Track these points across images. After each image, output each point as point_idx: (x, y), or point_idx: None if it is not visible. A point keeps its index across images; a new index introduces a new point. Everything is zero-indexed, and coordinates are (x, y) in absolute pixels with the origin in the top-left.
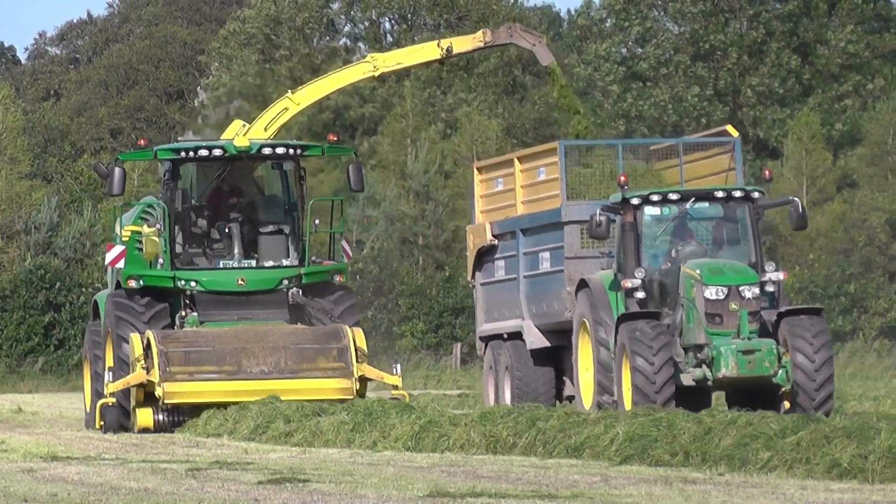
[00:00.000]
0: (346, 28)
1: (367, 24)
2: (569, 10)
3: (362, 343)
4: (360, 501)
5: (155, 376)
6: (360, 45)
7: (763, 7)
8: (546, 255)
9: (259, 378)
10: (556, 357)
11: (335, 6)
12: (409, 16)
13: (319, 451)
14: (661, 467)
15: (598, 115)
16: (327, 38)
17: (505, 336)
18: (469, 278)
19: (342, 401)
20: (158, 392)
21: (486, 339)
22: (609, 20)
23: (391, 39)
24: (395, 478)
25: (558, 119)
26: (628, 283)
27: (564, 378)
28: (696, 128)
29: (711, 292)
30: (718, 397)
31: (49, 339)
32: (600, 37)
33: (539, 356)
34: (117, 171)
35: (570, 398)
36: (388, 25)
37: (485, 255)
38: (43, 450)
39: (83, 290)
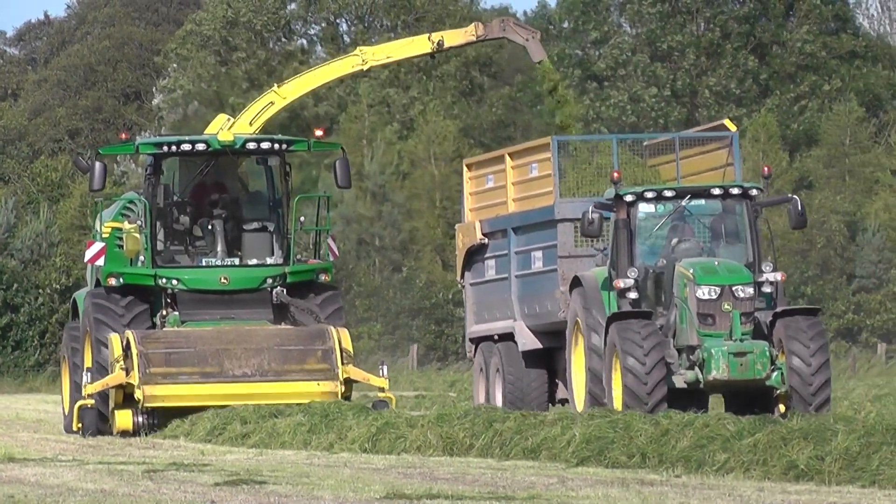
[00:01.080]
0: (303, 30)
1: (323, 24)
2: (525, 12)
3: (348, 344)
4: (317, 502)
5: (134, 378)
6: (318, 47)
7: (720, 8)
8: (538, 253)
9: (241, 380)
10: (549, 359)
11: (291, 7)
12: (366, 17)
13: (276, 453)
14: (618, 469)
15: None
16: (284, 40)
17: (496, 337)
18: (458, 278)
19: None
20: (138, 395)
21: (476, 341)
22: (567, 23)
23: (348, 40)
24: (352, 479)
25: (555, 116)
26: (620, 284)
27: (557, 381)
28: (654, 128)
29: (704, 292)
30: (717, 401)
31: (6, 340)
32: (558, 38)
33: (531, 358)
34: (98, 165)
35: (563, 401)
36: (344, 27)
37: (474, 255)
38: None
39: (40, 291)
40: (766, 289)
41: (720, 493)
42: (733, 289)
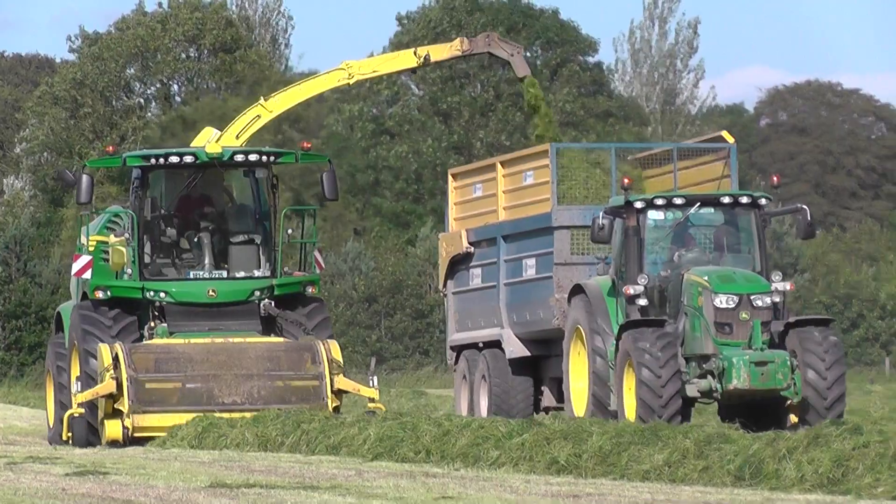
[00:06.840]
0: (141, 89)
1: (158, 85)
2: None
3: (337, 355)
4: (152, 491)
5: (124, 406)
6: (153, 103)
7: (492, 73)
8: (531, 261)
9: (231, 408)
10: (536, 367)
11: (130, 71)
12: (195, 79)
13: (117, 449)
14: (407, 463)
15: (353, 166)
16: (124, 97)
17: (480, 345)
18: (440, 287)
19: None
20: (128, 423)
21: (459, 349)
22: (365, 84)
23: (179, 100)
24: (181, 471)
25: (536, 129)
26: (630, 290)
27: (543, 388)
28: (434, 175)
29: (721, 300)
30: (702, 410)
31: None
32: (357, 98)
33: (518, 366)
34: (84, 178)
35: (548, 409)
36: (176, 87)
37: (458, 264)
38: None
39: None
40: (776, 298)
41: (493, 484)
42: (751, 298)
